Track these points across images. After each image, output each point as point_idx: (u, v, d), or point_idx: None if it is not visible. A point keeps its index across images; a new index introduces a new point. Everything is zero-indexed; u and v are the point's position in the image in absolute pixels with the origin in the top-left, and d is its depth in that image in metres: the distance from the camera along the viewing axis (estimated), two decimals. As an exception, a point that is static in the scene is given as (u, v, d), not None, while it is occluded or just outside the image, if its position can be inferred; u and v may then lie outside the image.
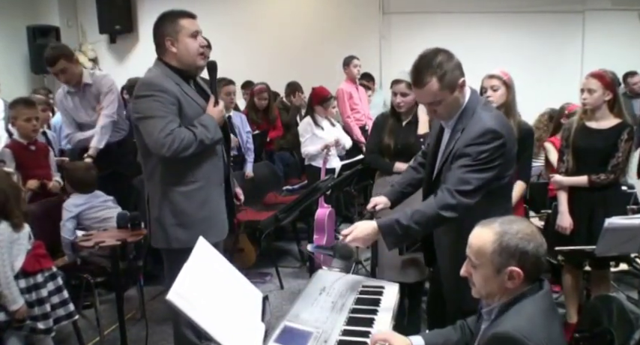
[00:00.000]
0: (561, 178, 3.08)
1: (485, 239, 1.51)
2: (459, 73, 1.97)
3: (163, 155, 2.32)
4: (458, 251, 1.97)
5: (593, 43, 7.00)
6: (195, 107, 2.44)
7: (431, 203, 1.95)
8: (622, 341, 1.77)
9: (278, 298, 4.01)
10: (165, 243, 2.48)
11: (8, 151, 3.38)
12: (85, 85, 3.83)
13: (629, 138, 2.93)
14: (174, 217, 2.44)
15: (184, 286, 1.49)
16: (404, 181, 2.49)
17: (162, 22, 2.42)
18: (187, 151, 2.33)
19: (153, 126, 2.31)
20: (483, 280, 1.53)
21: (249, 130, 4.77)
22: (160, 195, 2.46)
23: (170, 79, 2.39)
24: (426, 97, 1.98)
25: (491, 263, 1.49)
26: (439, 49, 1.98)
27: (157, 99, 2.32)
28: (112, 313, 3.51)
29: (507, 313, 1.49)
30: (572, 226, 3.03)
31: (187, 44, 2.39)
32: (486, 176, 1.95)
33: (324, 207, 4.15)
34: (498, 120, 2.02)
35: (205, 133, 2.37)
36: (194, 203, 2.44)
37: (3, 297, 2.47)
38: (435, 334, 1.84)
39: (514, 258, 1.47)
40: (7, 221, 2.52)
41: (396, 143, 3.13)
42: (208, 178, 2.48)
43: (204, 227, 2.41)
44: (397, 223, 1.95)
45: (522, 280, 1.48)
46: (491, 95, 2.91)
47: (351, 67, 5.84)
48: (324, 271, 2.35)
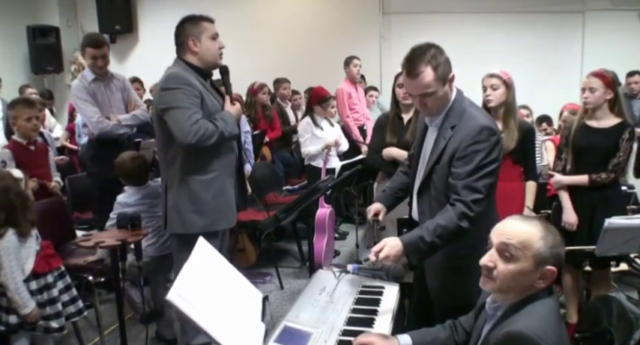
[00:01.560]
0: (561, 178, 3.08)
1: (532, 233, 1.48)
2: (450, 67, 1.98)
3: (189, 142, 2.46)
4: (446, 248, 1.99)
5: (593, 43, 7.01)
6: (215, 103, 2.64)
7: (451, 217, 1.94)
8: (622, 341, 1.77)
9: (278, 298, 4.01)
10: (181, 228, 2.64)
11: (8, 152, 3.38)
12: (112, 75, 3.93)
13: (630, 137, 2.93)
14: (192, 204, 2.61)
15: (184, 286, 1.49)
16: (395, 186, 2.48)
17: (187, 23, 2.61)
18: (210, 140, 2.50)
19: (180, 115, 2.47)
20: (514, 274, 1.48)
21: (248, 130, 4.77)
22: (178, 182, 2.62)
23: (193, 75, 2.58)
24: (419, 87, 1.96)
25: (533, 258, 1.46)
26: (430, 44, 1.98)
27: (183, 91, 2.49)
28: (112, 313, 3.52)
29: (518, 313, 1.48)
30: (577, 222, 3.01)
31: (209, 45, 2.60)
32: (491, 180, 1.98)
33: (325, 207, 4.16)
34: (488, 117, 2.06)
35: (225, 127, 2.56)
36: (210, 191, 2.62)
37: (13, 302, 2.50)
38: (422, 332, 1.83)
39: (553, 258, 1.47)
40: (13, 229, 2.54)
41: (398, 141, 3.13)
42: (224, 168, 2.67)
43: (217, 215, 2.65)
44: (421, 241, 1.96)
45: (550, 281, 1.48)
46: (491, 94, 2.91)
47: (350, 66, 5.85)
48: (324, 271, 2.35)
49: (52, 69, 7.59)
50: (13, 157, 3.35)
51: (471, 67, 3.96)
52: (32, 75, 7.57)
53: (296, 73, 6.73)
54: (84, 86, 3.81)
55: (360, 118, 5.84)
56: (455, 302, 2.02)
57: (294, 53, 7.53)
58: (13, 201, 2.54)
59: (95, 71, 3.81)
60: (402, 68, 2.00)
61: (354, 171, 3.71)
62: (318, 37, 7.59)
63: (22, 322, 2.54)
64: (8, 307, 2.52)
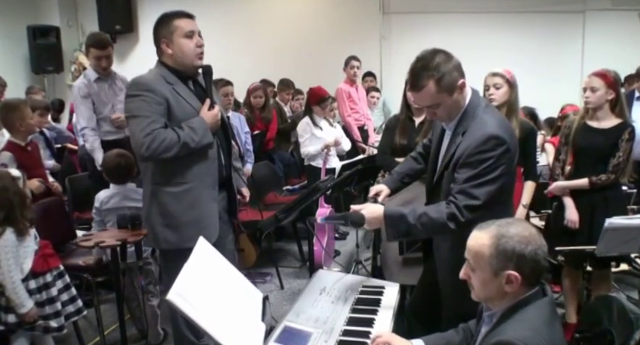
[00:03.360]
0: (562, 183, 3.07)
1: (482, 242, 1.49)
2: (458, 74, 1.92)
3: (142, 155, 2.32)
4: (457, 256, 1.94)
5: (593, 43, 7.01)
6: (186, 108, 2.42)
7: (441, 211, 1.91)
8: (622, 341, 1.77)
9: (278, 298, 4.00)
10: (154, 243, 2.55)
11: (9, 155, 3.36)
12: (115, 75, 3.93)
13: (629, 138, 2.92)
14: (162, 218, 2.44)
15: (184, 286, 1.49)
16: (403, 171, 2.46)
17: (159, 25, 2.44)
18: (169, 152, 2.31)
19: (136, 125, 2.32)
20: (481, 284, 1.51)
21: (247, 131, 4.77)
22: (149, 194, 2.47)
23: (164, 79, 2.40)
24: (423, 100, 1.95)
25: (489, 266, 1.48)
26: (437, 50, 1.94)
27: (144, 99, 2.33)
28: (112, 313, 3.52)
29: (510, 319, 1.47)
30: (579, 219, 3.01)
31: (182, 45, 2.39)
32: (492, 189, 1.90)
33: (325, 207, 4.15)
34: (500, 123, 1.96)
35: (191, 136, 2.34)
36: (182, 205, 2.42)
37: (11, 301, 2.50)
38: (436, 336, 1.81)
39: (511, 261, 1.45)
40: (11, 228, 2.54)
41: (408, 143, 3.11)
42: (199, 180, 2.44)
43: (192, 229, 2.39)
44: (403, 219, 1.93)
45: (521, 284, 1.46)
46: (494, 93, 2.90)
47: (348, 68, 5.87)
48: (324, 271, 2.35)
49: (52, 69, 7.59)
50: (14, 159, 3.34)
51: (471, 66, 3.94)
52: (32, 75, 7.57)
53: (296, 73, 6.73)
54: (86, 86, 3.81)
55: (360, 118, 5.84)
56: (463, 308, 1.93)
57: (295, 53, 7.53)
58: (12, 200, 2.53)
59: (98, 71, 3.81)
60: (407, 79, 1.99)
61: (354, 171, 3.71)
62: (319, 37, 7.59)
63: (20, 321, 2.53)
64: (7, 306, 2.52)
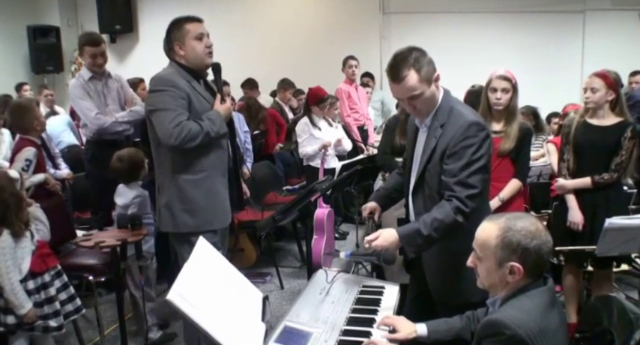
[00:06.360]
0: (565, 182, 3.06)
1: (489, 233, 1.57)
2: (433, 68, 2.01)
3: (172, 144, 2.51)
4: (447, 246, 2.02)
5: (593, 43, 7.01)
6: (203, 103, 2.65)
7: (446, 209, 1.95)
8: (622, 341, 1.77)
9: (278, 298, 4.01)
10: (173, 227, 2.66)
11: (33, 150, 3.37)
12: (109, 73, 3.95)
13: (632, 136, 2.91)
14: (182, 203, 2.63)
15: (185, 286, 1.49)
16: (389, 187, 2.49)
17: (171, 29, 2.65)
18: (194, 141, 2.52)
19: (164, 117, 2.51)
20: (486, 272, 1.60)
21: (247, 130, 4.77)
22: (168, 182, 2.65)
23: (181, 77, 2.61)
24: (405, 91, 1.99)
25: (494, 257, 1.56)
26: (412, 47, 2.02)
27: (169, 93, 2.53)
28: (112, 313, 3.52)
29: (506, 304, 1.57)
30: (583, 221, 2.99)
31: (194, 46, 2.62)
32: (484, 176, 2.01)
33: (323, 207, 4.16)
34: (476, 114, 2.10)
35: (211, 126, 2.57)
36: (200, 191, 2.63)
37: (10, 302, 2.50)
38: (439, 321, 1.88)
39: (515, 254, 1.53)
40: (7, 229, 2.54)
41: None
42: (214, 168, 2.67)
43: (208, 214, 2.64)
44: (418, 233, 1.96)
45: (522, 275, 1.54)
46: (501, 97, 2.87)
47: (346, 67, 5.87)
48: (324, 271, 2.35)
49: (52, 69, 7.60)
50: (37, 155, 3.35)
51: (471, 66, 3.96)
52: (32, 75, 7.58)
53: (296, 73, 6.73)
54: (81, 84, 3.82)
55: (360, 118, 5.84)
56: (458, 300, 2.03)
57: (295, 53, 7.54)
58: (8, 201, 2.53)
59: (94, 69, 3.81)
60: (387, 75, 2.05)
61: (354, 171, 3.71)
62: (319, 37, 7.59)
63: (19, 322, 2.53)
64: (6, 307, 2.52)
